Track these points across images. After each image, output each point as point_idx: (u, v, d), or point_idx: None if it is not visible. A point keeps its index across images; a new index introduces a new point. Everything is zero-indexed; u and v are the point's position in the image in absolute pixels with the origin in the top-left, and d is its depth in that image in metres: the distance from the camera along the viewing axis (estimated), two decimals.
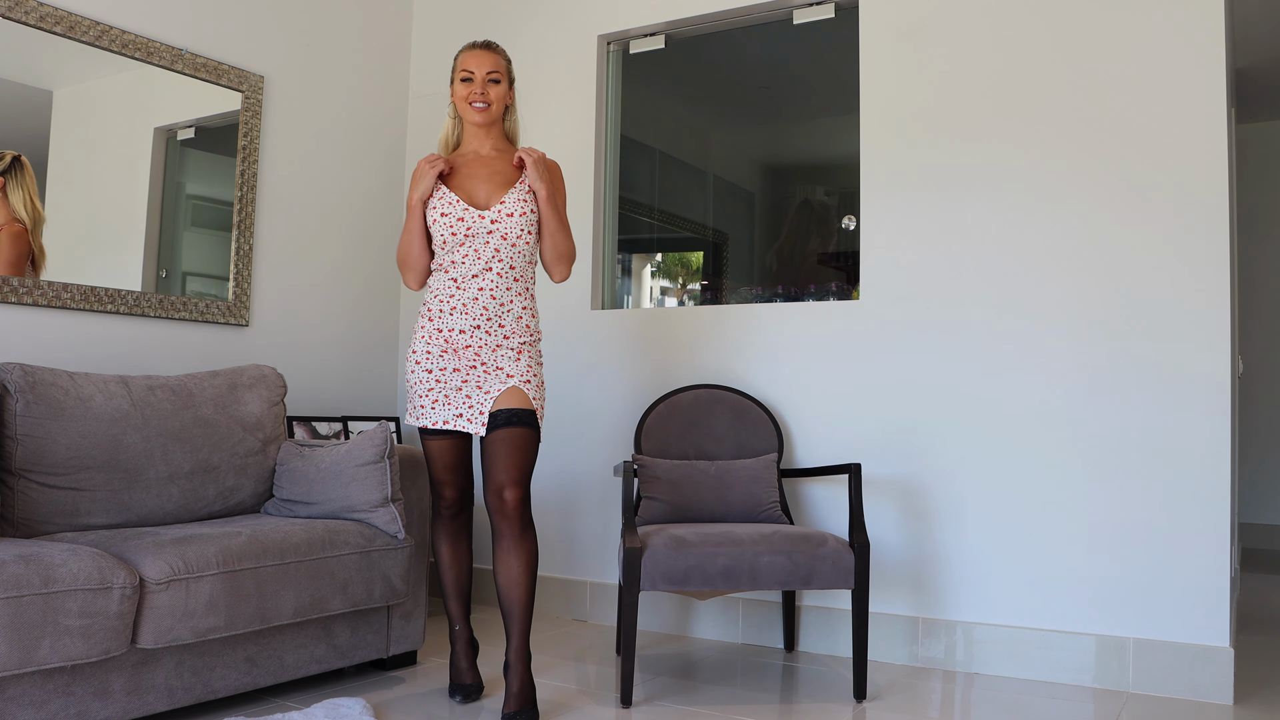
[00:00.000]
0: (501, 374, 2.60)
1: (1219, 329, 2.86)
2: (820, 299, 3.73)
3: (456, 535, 2.78)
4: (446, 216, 2.62)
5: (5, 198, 2.91)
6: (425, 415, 2.65)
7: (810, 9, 3.60)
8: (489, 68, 2.68)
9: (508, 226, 2.62)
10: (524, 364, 2.63)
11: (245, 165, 3.62)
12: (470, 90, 2.67)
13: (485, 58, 2.69)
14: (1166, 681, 2.84)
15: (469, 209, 2.62)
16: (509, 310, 2.64)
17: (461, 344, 2.61)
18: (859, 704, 2.75)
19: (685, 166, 5.19)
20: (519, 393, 2.59)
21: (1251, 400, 5.87)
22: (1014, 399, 3.11)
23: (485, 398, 2.59)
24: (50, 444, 2.57)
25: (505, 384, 2.59)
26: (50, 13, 3.03)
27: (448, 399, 2.62)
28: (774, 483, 3.20)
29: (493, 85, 2.68)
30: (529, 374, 2.63)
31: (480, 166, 2.70)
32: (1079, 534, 3.00)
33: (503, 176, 2.68)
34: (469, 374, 2.61)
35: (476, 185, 2.67)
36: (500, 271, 2.62)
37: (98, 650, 2.16)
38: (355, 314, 4.10)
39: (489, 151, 2.73)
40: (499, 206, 2.63)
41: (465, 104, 2.68)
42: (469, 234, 2.61)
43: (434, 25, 4.32)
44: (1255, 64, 5.02)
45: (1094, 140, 3.05)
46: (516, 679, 2.55)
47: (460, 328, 2.60)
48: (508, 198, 2.64)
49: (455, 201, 2.63)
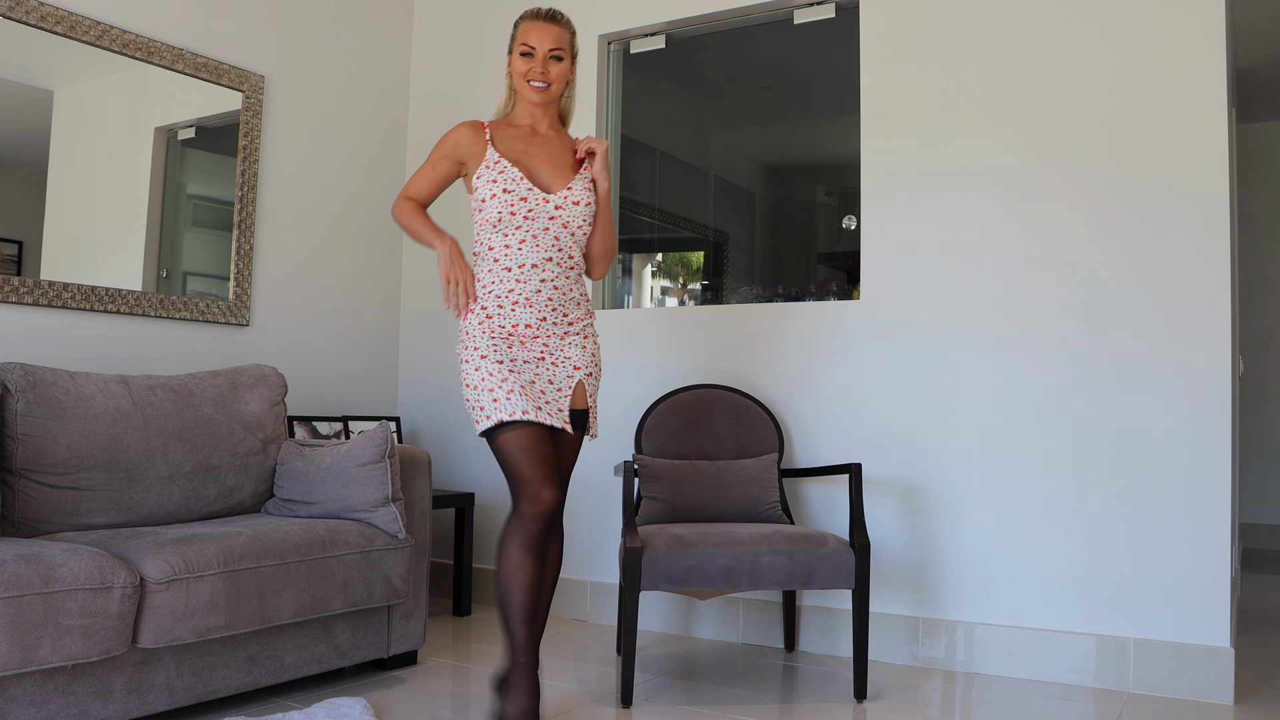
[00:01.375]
0: (569, 364, 2.45)
1: (1219, 329, 2.86)
2: (820, 299, 3.73)
3: (546, 548, 2.39)
4: (509, 194, 2.40)
5: None
6: (502, 407, 2.32)
7: (810, 9, 3.60)
8: (552, 44, 2.45)
9: (570, 214, 2.44)
10: (589, 352, 2.49)
11: (246, 165, 3.62)
12: (530, 67, 2.46)
13: (549, 32, 2.46)
14: (1167, 681, 2.84)
15: (534, 189, 2.41)
16: (571, 297, 2.48)
17: (530, 335, 2.42)
18: (859, 704, 2.75)
19: (685, 166, 5.19)
20: (581, 391, 2.46)
21: (1252, 400, 5.87)
22: (1014, 399, 3.11)
23: (558, 394, 2.42)
24: (51, 444, 2.57)
25: (573, 377, 2.45)
26: (51, 13, 3.03)
27: (524, 389, 2.36)
28: (774, 482, 3.20)
29: (554, 63, 2.46)
30: (592, 364, 2.49)
31: (538, 145, 2.51)
32: (1079, 534, 3.00)
33: (564, 161, 2.50)
34: (539, 366, 2.42)
35: (537, 165, 2.47)
36: (560, 262, 2.44)
37: (98, 650, 2.16)
38: (356, 314, 4.10)
39: (546, 130, 2.54)
40: (565, 192, 2.44)
41: (523, 81, 2.47)
42: (529, 216, 2.41)
43: (434, 25, 4.32)
44: (1255, 64, 5.02)
45: (1095, 140, 3.05)
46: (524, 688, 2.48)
47: (526, 321, 2.41)
48: (575, 184, 2.46)
49: (519, 179, 2.41)
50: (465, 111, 4.18)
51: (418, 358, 4.24)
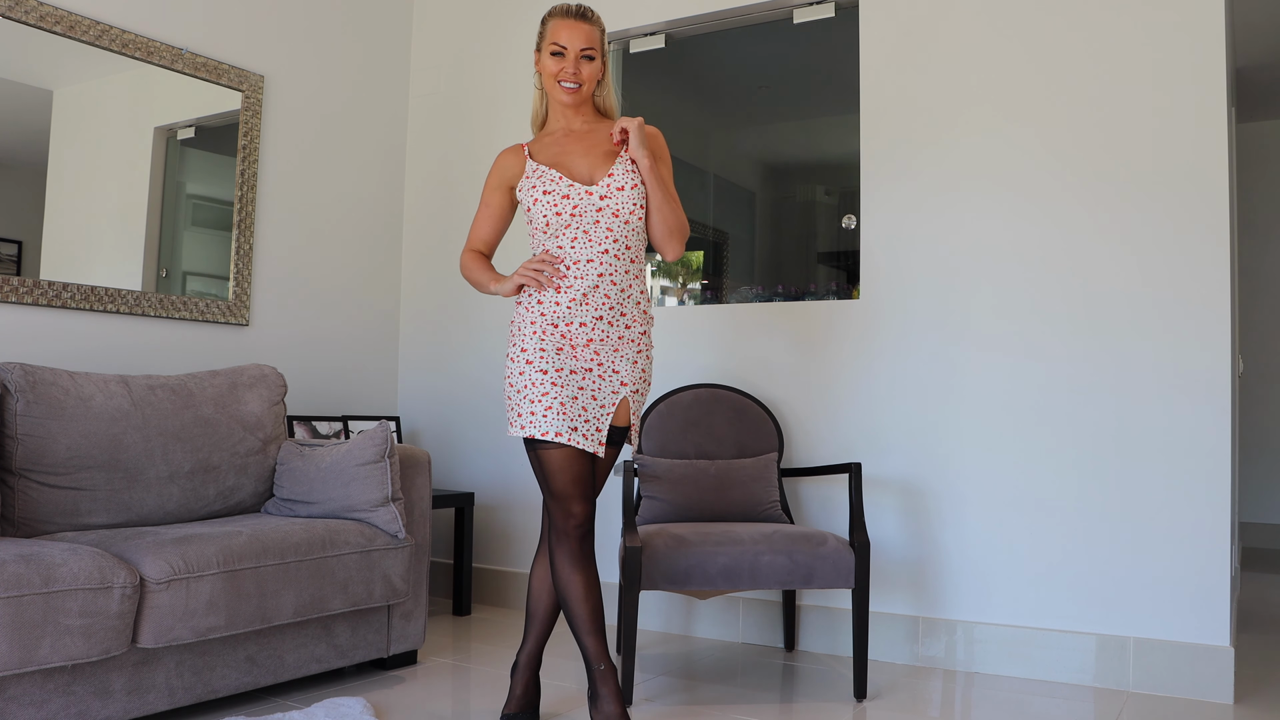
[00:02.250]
0: (616, 379, 2.36)
1: (1219, 328, 2.86)
2: (820, 299, 3.73)
3: (588, 558, 2.32)
4: (550, 195, 2.34)
5: None
6: (537, 423, 2.27)
7: (810, 9, 3.60)
8: (583, 43, 2.37)
9: (619, 202, 2.34)
10: (640, 365, 2.39)
11: (245, 165, 3.62)
12: (561, 67, 2.37)
13: (579, 30, 2.37)
14: (1167, 681, 2.84)
15: (574, 185, 2.34)
16: (630, 296, 2.37)
17: (583, 339, 2.33)
18: (859, 703, 2.75)
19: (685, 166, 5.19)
20: (625, 408, 2.37)
21: (1251, 400, 5.87)
22: (1014, 398, 3.11)
23: (601, 412, 2.33)
24: (51, 443, 2.57)
25: (618, 393, 2.35)
26: (50, 12, 3.03)
27: (563, 407, 2.27)
28: (774, 482, 3.20)
29: (586, 63, 2.38)
30: (640, 381, 2.40)
31: (574, 142, 2.43)
32: (1079, 533, 3.00)
33: (602, 149, 2.41)
34: (585, 378, 2.32)
35: (574, 160, 2.40)
36: (617, 254, 2.34)
37: (98, 650, 2.16)
38: (355, 313, 4.10)
39: (580, 126, 2.46)
40: (607, 180, 2.35)
41: (554, 82, 2.39)
42: (575, 213, 2.33)
43: (434, 25, 4.32)
44: (1255, 64, 5.02)
45: (1094, 139, 3.05)
46: (521, 683, 2.53)
47: (581, 320, 2.32)
48: (615, 169, 2.36)
49: (558, 179, 2.35)
50: (465, 111, 4.18)
51: (418, 357, 4.24)
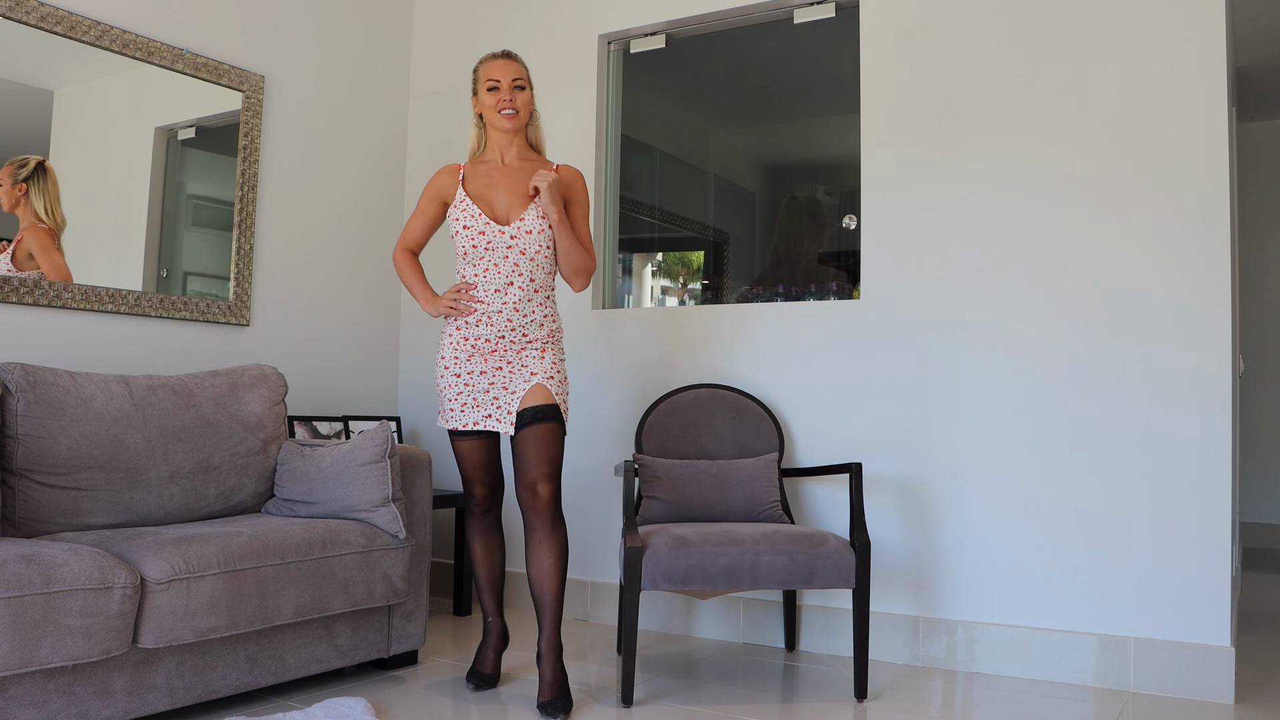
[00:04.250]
0: (526, 372, 2.71)
1: (1219, 328, 2.86)
2: (820, 299, 3.73)
3: (488, 531, 2.90)
4: (469, 230, 2.71)
5: (28, 202, 2.94)
6: (455, 418, 2.75)
7: (810, 9, 3.60)
8: (513, 75, 2.75)
9: (526, 243, 2.70)
10: (548, 361, 2.73)
11: (246, 165, 3.62)
12: (498, 98, 2.74)
13: (509, 66, 2.76)
14: (1167, 681, 2.84)
15: (490, 223, 2.71)
16: (531, 319, 2.73)
17: (488, 349, 2.71)
18: (860, 703, 2.75)
19: (685, 166, 5.19)
20: (543, 390, 2.68)
21: (1252, 400, 5.87)
22: (1015, 398, 3.11)
23: (512, 398, 2.70)
24: (51, 444, 2.57)
25: (530, 381, 2.69)
26: (51, 13, 3.03)
27: (476, 401, 2.72)
28: (775, 482, 3.20)
29: (518, 91, 2.75)
30: (553, 370, 2.73)
31: (503, 177, 2.77)
32: (1080, 533, 3.00)
33: (524, 189, 2.74)
34: (495, 375, 2.71)
35: (498, 197, 2.75)
36: (522, 285, 2.70)
37: (99, 650, 2.16)
38: (356, 313, 4.10)
39: (513, 160, 2.79)
40: (519, 223, 2.70)
41: (494, 112, 2.74)
42: (489, 247, 2.70)
43: (434, 25, 4.32)
44: (1255, 63, 5.02)
45: (1095, 139, 3.05)
46: (549, 668, 2.64)
47: (486, 336, 2.71)
48: (527, 214, 2.71)
49: (477, 215, 2.71)
50: (465, 111, 4.17)
51: (418, 357, 4.24)
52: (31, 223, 2.96)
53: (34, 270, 2.95)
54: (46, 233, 2.96)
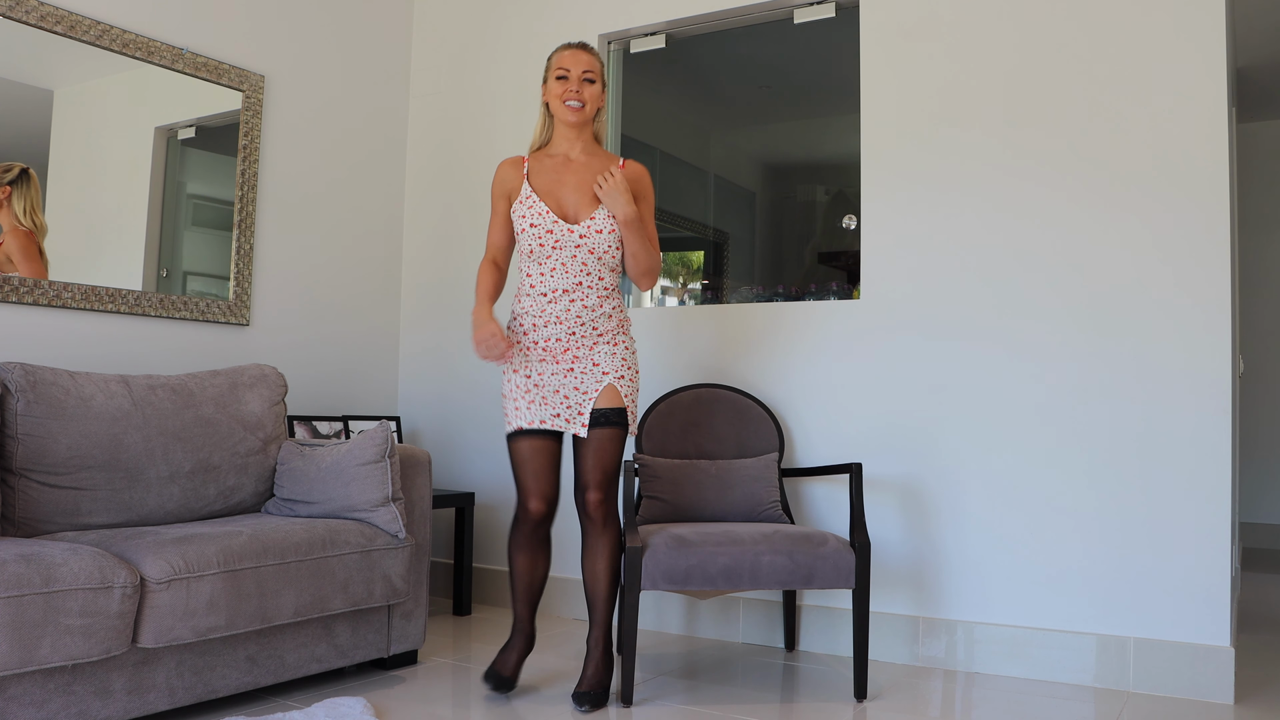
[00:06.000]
0: (598, 371, 2.66)
1: (1219, 328, 2.86)
2: (820, 299, 3.73)
3: (537, 547, 2.75)
4: (536, 228, 2.65)
5: (9, 206, 2.95)
6: (520, 415, 2.66)
7: (810, 9, 3.60)
8: (585, 67, 2.67)
9: (595, 241, 2.65)
10: (619, 357, 2.68)
11: (246, 165, 3.62)
12: (566, 88, 2.66)
13: (581, 57, 2.68)
14: (1167, 681, 2.84)
15: (559, 222, 2.64)
16: (601, 313, 2.68)
17: (560, 349, 2.66)
18: (859, 703, 2.75)
19: (685, 166, 5.19)
20: (613, 391, 2.65)
21: (1252, 400, 5.87)
22: (1015, 398, 3.11)
23: (584, 399, 2.65)
24: (51, 443, 2.57)
25: (602, 381, 2.65)
26: (50, 12, 3.03)
27: (544, 400, 2.66)
28: (775, 482, 3.20)
29: (587, 85, 2.68)
30: (623, 367, 2.68)
31: (569, 174, 2.70)
32: (1079, 533, 3.00)
33: (592, 186, 2.68)
34: (566, 375, 2.65)
35: (565, 194, 2.69)
36: (590, 285, 2.66)
37: (99, 649, 2.16)
38: (356, 313, 4.10)
39: (579, 155, 2.73)
40: (589, 222, 2.65)
41: (560, 102, 2.67)
42: (557, 246, 2.64)
43: (434, 25, 4.32)
44: (1255, 63, 5.02)
45: (1095, 139, 3.05)
46: (593, 664, 2.70)
47: (557, 335, 2.65)
48: (598, 213, 2.65)
49: (545, 213, 2.64)
50: (465, 111, 4.18)
51: (418, 357, 4.24)
52: (13, 225, 2.96)
53: (13, 274, 2.96)
54: (26, 235, 2.96)
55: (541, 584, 2.79)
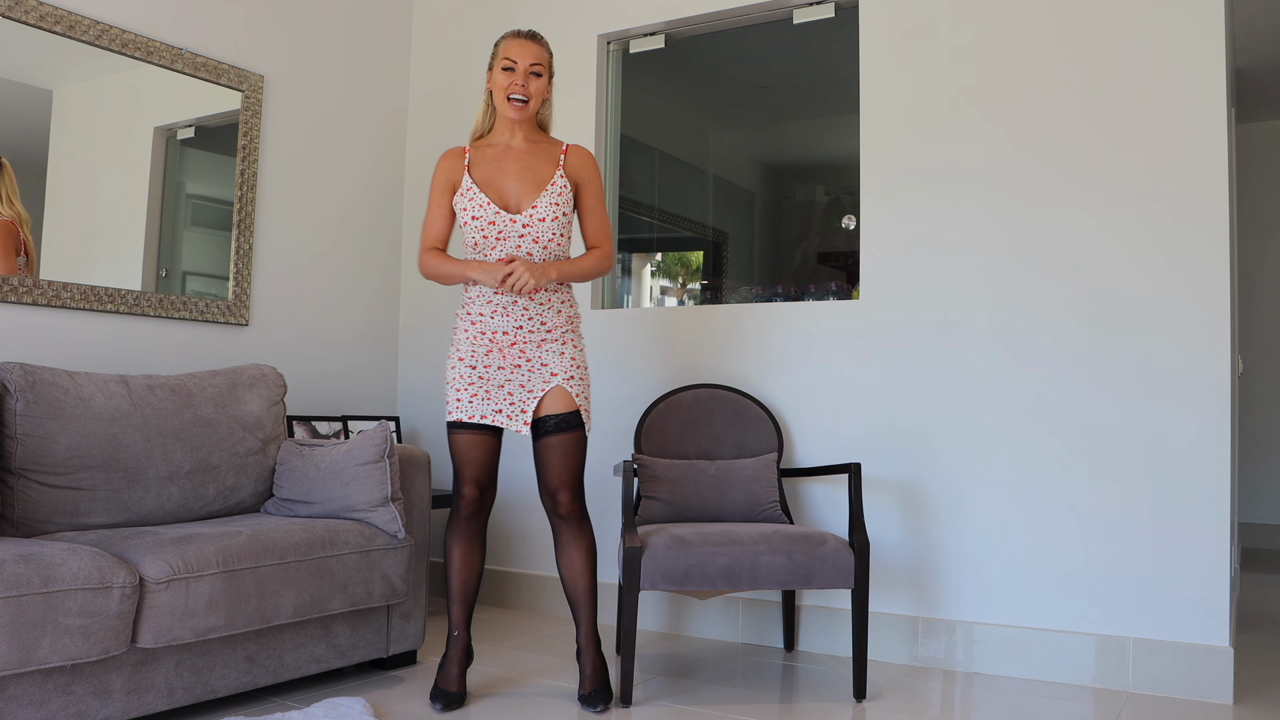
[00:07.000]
0: (546, 371, 2.62)
1: (1219, 328, 2.86)
2: (820, 299, 3.73)
3: (471, 538, 2.72)
4: (478, 220, 2.60)
5: None
6: (461, 409, 2.63)
7: (810, 9, 3.60)
8: (532, 59, 2.62)
9: (539, 231, 2.61)
10: (568, 357, 2.64)
11: (245, 165, 3.62)
12: (511, 81, 2.61)
13: (530, 49, 2.63)
14: (1166, 681, 2.84)
15: (500, 212, 2.60)
16: (548, 306, 2.65)
17: (506, 343, 2.62)
18: (859, 703, 2.75)
19: (685, 166, 5.19)
20: (564, 394, 2.61)
21: (1251, 400, 5.87)
22: (1014, 399, 3.11)
23: (529, 397, 2.61)
24: (50, 443, 2.57)
25: (550, 383, 2.61)
26: (50, 12, 3.03)
27: (488, 394, 2.62)
28: (774, 482, 3.20)
29: (534, 78, 2.63)
30: (573, 368, 2.63)
31: (510, 162, 2.66)
32: (1079, 533, 3.00)
33: (534, 175, 2.64)
34: (513, 372, 2.61)
35: (506, 184, 2.64)
36: None
37: (98, 649, 2.16)
38: (355, 313, 4.10)
39: (520, 143, 2.69)
40: (531, 211, 2.61)
41: (503, 96, 2.63)
42: (500, 237, 2.60)
43: (434, 25, 4.32)
44: (1255, 64, 5.02)
45: (1094, 139, 3.05)
46: (589, 662, 2.68)
47: (504, 329, 2.61)
48: (539, 201, 2.61)
49: (486, 204, 2.60)
50: (465, 111, 4.18)
51: (417, 357, 4.24)
52: None
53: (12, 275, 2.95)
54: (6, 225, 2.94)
55: (477, 583, 2.73)
